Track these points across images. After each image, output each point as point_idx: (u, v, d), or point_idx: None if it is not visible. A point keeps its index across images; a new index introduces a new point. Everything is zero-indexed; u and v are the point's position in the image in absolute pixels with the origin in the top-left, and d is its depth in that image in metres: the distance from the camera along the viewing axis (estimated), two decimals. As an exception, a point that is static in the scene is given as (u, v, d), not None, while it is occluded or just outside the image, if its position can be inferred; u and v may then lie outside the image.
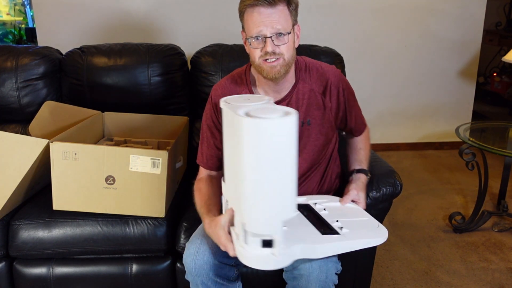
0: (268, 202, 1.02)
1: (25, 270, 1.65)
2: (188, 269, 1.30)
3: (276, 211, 1.03)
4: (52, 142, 1.53)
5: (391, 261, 2.19)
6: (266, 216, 1.04)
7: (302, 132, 1.40)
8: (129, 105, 2.10)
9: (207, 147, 1.45)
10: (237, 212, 1.11)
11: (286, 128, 0.98)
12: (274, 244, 1.07)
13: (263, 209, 1.03)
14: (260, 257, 1.09)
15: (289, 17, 1.27)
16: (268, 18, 1.23)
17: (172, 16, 3.10)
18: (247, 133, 0.98)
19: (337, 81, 1.41)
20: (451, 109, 3.63)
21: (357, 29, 3.33)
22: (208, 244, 1.29)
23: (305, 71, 1.40)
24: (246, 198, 1.03)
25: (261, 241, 1.07)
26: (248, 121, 0.98)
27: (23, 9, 4.74)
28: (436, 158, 3.54)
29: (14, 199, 1.63)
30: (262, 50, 1.26)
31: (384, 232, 1.24)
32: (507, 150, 2.27)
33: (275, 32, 1.24)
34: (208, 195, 1.37)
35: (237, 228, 1.13)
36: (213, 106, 1.42)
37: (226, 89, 1.42)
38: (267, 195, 1.02)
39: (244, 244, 1.09)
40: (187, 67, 2.19)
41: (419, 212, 2.67)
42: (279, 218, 1.05)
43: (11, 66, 2.05)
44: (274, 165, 1.00)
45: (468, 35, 3.47)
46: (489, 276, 2.08)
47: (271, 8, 1.22)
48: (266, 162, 0.99)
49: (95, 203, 1.59)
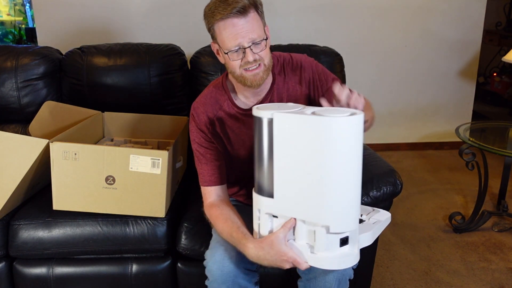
0: (350, 199, 1.06)
1: (25, 270, 1.65)
2: (214, 277, 1.29)
3: (355, 206, 1.08)
4: (52, 142, 1.53)
5: (391, 261, 2.19)
6: (349, 213, 1.07)
7: None
8: (129, 105, 2.10)
9: (206, 164, 1.41)
10: (313, 218, 1.08)
11: (360, 125, 1.03)
12: (349, 240, 1.10)
13: (347, 206, 1.06)
14: (341, 257, 1.10)
15: (260, 21, 1.25)
16: (243, 29, 1.21)
17: (172, 16, 3.10)
18: (333, 133, 1.01)
19: (308, 66, 1.40)
20: (451, 109, 3.63)
21: (357, 29, 3.33)
22: (233, 251, 1.28)
23: (279, 67, 1.40)
24: (330, 199, 1.04)
25: (340, 240, 1.09)
26: (335, 121, 1.00)
27: (23, 9, 4.74)
28: (436, 158, 3.54)
29: (14, 199, 1.63)
30: (242, 60, 1.25)
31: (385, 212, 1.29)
32: (507, 150, 2.28)
33: (252, 41, 1.22)
34: (232, 219, 1.31)
35: (306, 238, 1.11)
36: (197, 125, 1.40)
37: (206, 104, 1.40)
38: (349, 192, 1.06)
39: (323, 249, 1.08)
40: (187, 67, 2.19)
41: (419, 212, 2.67)
42: (357, 213, 1.09)
43: (11, 66, 2.05)
44: (352, 162, 1.04)
45: (468, 35, 3.47)
46: (489, 276, 2.08)
47: (243, 17, 1.20)
48: (347, 160, 1.03)
49: (95, 203, 1.59)
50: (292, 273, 1.61)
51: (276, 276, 1.62)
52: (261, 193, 1.15)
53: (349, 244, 1.11)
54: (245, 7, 1.20)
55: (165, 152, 1.54)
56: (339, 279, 1.27)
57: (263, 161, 1.13)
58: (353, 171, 1.05)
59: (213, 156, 1.41)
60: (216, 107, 1.40)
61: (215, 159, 1.41)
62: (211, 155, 1.41)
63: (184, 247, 1.60)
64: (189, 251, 1.60)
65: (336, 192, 1.04)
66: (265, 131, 1.11)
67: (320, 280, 1.28)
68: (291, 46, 2.16)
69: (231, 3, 1.19)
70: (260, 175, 1.15)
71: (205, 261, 1.34)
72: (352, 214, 1.08)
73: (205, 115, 1.39)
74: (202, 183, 1.43)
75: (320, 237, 1.08)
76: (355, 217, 1.09)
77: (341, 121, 1.01)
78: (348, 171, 1.04)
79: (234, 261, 1.28)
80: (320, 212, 1.06)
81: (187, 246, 1.60)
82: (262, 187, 1.15)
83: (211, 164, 1.41)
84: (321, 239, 1.08)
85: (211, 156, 1.41)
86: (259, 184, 1.16)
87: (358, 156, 1.05)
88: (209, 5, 1.25)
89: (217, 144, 1.42)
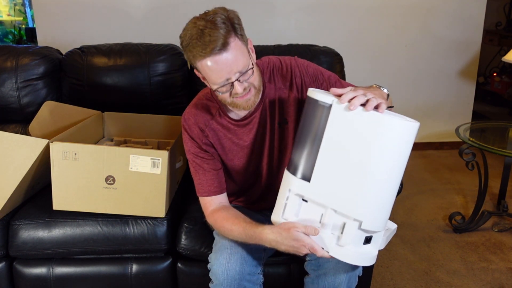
0: (387, 201, 1.09)
1: (25, 270, 1.65)
2: (219, 280, 1.28)
3: (389, 210, 1.11)
4: (52, 142, 1.53)
5: (391, 261, 2.19)
6: (383, 215, 1.10)
7: (282, 132, 1.37)
8: (129, 105, 2.10)
9: (204, 174, 1.38)
10: (347, 210, 1.08)
11: (415, 133, 1.06)
12: (372, 240, 1.12)
13: (383, 208, 1.09)
14: (363, 254, 1.12)
15: (243, 46, 1.18)
16: (227, 65, 1.15)
17: (172, 16, 3.10)
18: (392, 134, 1.03)
19: (298, 70, 1.35)
20: (451, 109, 3.63)
21: (356, 29, 3.33)
22: (238, 254, 1.28)
23: (269, 73, 1.36)
24: (370, 196, 1.06)
25: (364, 238, 1.11)
26: (398, 123, 1.03)
27: (23, 9, 4.74)
28: (436, 158, 3.54)
29: (14, 199, 1.63)
30: (231, 93, 1.21)
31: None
32: (507, 150, 2.28)
33: (239, 73, 1.17)
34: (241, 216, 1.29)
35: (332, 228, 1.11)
36: (190, 136, 1.37)
37: (197, 115, 1.36)
38: (388, 194, 1.08)
39: (349, 242, 1.09)
40: (187, 67, 2.19)
41: (419, 212, 2.67)
42: (387, 217, 1.12)
43: (11, 66, 2.05)
44: (399, 166, 1.07)
45: (468, 35, 3.47)
46: (489, 276, 2.08)
47: (225, 52, 1.13)
48: (396, 163, 1.06)
49: (95, 203, 1.59)
50: (294, 273, 1.62)
51: (279, 277, 1.62)
52: (296, 173, 1.14)
53: (371, 244, 1.12)
54: (225, 41, 1.12)
55: (165, 152, 1.54)
56: (349, 275, 1.27)
57: (306, 143, 1.12)
58: (397, 175, 1.07)
59: (210, 165, 1.38)
60: (207, 117, 1.36)
61: (212, 168, 1.38)
62: (208, 164, 1.38)
63: (184, 247, 1.60)
64: (189, 251, 1.60)
65: (377, 191, 1.06)
66: (318, 114, 1.10)
67: (330, 277, 1.27)
68: (291, 46, 2.16)
69: (209, 42, 1.12)
70: (299, 155, 1.14)
71: (209, 264, 1.33)
72: (385, 216, 1.11)
73: (197, 127, 1.36)
74: (201, 194, 1.39)
75: (350, 230, 1.09)
76: (385, 220, 1.12)
77: (403, 124, 1.03)
78: (393, 174, 1.07)
79: (239, 264, 1.27)
80: (357, 206, 1.07)
81: (187, 246, 1.60)
82: (298, 167, 1.14)
83: (209, 174, 1.37)
84: (350, 233, 1.09)
85: (208, 166, 1.37)
86: (295, 164, 1.14)
87: (405, 162, 1.08)
88: (185, 39, 1.16)
89: (212, 154, 1.39)
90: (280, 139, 1.39)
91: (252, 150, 1.40)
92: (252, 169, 1.43)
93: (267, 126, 1.37)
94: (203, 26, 1.13)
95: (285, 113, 1.37)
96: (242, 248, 1.31)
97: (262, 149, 1.40)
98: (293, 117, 1.37)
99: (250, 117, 1.35)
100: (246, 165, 1.42)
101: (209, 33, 1.12)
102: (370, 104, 1.03)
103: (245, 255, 1.28)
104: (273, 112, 1.36)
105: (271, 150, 1.40)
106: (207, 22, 1.14)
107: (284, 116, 1.37)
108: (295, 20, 3.24)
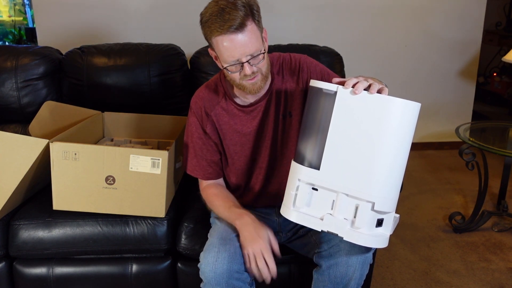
0: (397, 182, 1.12)
1: (25, 270, 1.65)
2: (207, 279, 1.29)
3: (398, 191, 1.14)
4: (52, 142, 1.53)
5: (391, 261, 2.19)
6: (394, 195, 1.13)
7: (285, 124, 1.42)
8: (129, 105, 2.10)
9: (201, 158, 1.47)
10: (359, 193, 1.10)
11: (418, 112, 1.11)
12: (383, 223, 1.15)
13: (393, 188, 1.12)
14: (377, 236, 1.14)
15: (258, 32, 1.25)
16: (241, 46, 1.21)
17: (172, 16, 3.10)
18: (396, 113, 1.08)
19: (306, 67, 1.41)
20: (451, 109, 3.63)
21: (357, 29, 3.33)
22: (226, 252, 1.28)
23: (278, 66, 1.42)
24: (381, 177, 1.09)
25: (376, 221, 1.13)
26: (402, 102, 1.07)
27: (23, 9, 4.74)
28: (436, 158, 3.54)
29: (14, 199, 1.63)
30: (240, 73, 1.27)
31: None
32: (507, 150, 2.28)
33: (250, 56, 1.24)
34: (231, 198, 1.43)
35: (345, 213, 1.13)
36: (198, 118, 1.45)
37: (205, 99, 1.44)
38: (398, 174, 1.12)
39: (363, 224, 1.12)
40: (187, 67, 2.19)
41: (419, 212, 2.67)
42: (397, 198, 1.15)
43: (11, 66, 2.05)
44: (406, 145, 1.11)
45: (468, 35, 3.47)
46: (489, 276, 2.08)
47: (241, 33, 1.20)
48: (402, 142, 1.10)
49: (95, 203, 1.59)
50: (295, 273, 1.61)
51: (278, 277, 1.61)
52: (304, 163, 1.16)
53: (383, 227, 1.15)
54: (242, 22, 1.19)
55: (165, 152, 1.54)
56: (361, 263, 1.28)
57: (313, 132, 1.15)
58: (404, 154, 1.11)
59: (211, 152, 1.45)
60: (213, 102, 1.43)
61: (212, 155, 1.46)
62: (208, 152, 1.45)
63: (184, 247, 1.60)
64: (189, 251, 1.60)
65: (387, 170, 1.10)
66: (324, 102, 1.12)
67: (343, 265, 1.28)
68: (291, 46, 2.16)
69: (228, 20, 1.19)
70: (305, 145, 1.16)
71: (199, 263, 1.34)
72: (395, 197, 1.14)
73: (203, 110, 1.43)
74: (194, 173, 1.49)
75: (363, 212, 1.11)
76: (396, 201, 1.15)
77: (407, 103, 1.08)
78: (401, 154, 1.10)
79: (227, 262, 1.27)
80: (369, 187, 1.09)
81: (187, 246, 1.60)
82: (306, 157, 1.16)
83: (207, 160, 1.46)
84: (364, 215, 1.11)
85: (207, 153, 1.46)
86: (303, 154, 1.17)
87: (410, 141, 1.12)
88: (206, 16, 1.23)
89: (214, 140, 1.45)
90: (283, 131, 1.43)
91: (254, 138, 1.44)
92: (252, 158, 1.47)
93: (271, 117, 1.42)
94: (224, 5, 1.20)
95: (290, 106, 1.41)
96: (230, 246, 1.31)
97: (264, 139, 1.44)
98: (298, 110, 1.41)
99: (256, 104, 1.41)
100: (246, 153, 1.46)
101: (229, 12, 1.19)
102: (373, 87, 1.09)
103: (233, 254, 1.28)
104: (279, 104, 1.41)
105: (273, 141, 1.44)
106: (228, 2, 1.20)
107: (289, 109, 1.42)
108: (295, 20, 3.24)
